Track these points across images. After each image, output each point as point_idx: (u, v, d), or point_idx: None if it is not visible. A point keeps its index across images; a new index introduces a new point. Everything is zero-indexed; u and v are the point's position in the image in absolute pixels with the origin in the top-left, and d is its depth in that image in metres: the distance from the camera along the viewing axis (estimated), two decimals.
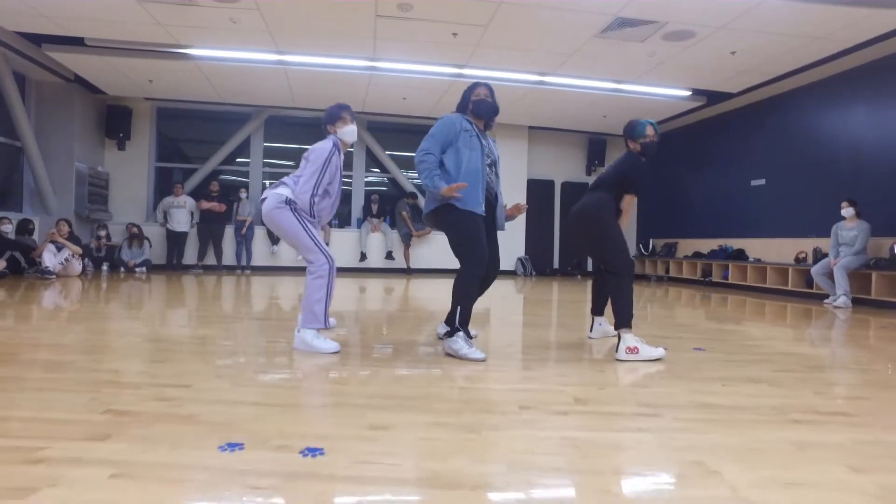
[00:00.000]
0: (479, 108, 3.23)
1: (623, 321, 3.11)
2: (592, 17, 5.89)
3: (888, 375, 2.82)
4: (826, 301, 6.66)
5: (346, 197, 11.25)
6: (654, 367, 2.88)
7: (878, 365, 3.08)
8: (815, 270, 6.80)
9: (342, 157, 3.29)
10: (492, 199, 3.30)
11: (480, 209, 3.09)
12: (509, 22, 6.05)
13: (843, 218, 6.63)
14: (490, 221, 3.30)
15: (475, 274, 3.06)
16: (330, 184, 3.20)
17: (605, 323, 3.74)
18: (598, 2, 5.52)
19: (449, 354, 2.98)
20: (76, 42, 7.00)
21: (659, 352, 3.04)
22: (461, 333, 2.99)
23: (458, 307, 3.01)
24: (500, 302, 6.11)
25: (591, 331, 3.77)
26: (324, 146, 3.15)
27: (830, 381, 2.67)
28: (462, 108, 3.29)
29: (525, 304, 6.09)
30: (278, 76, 8.16)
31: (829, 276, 6.63)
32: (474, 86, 3.30)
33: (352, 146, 3.42)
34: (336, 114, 3.25)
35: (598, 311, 3.72)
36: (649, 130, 3.34)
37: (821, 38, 6.19)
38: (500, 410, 2.07)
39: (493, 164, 3.31)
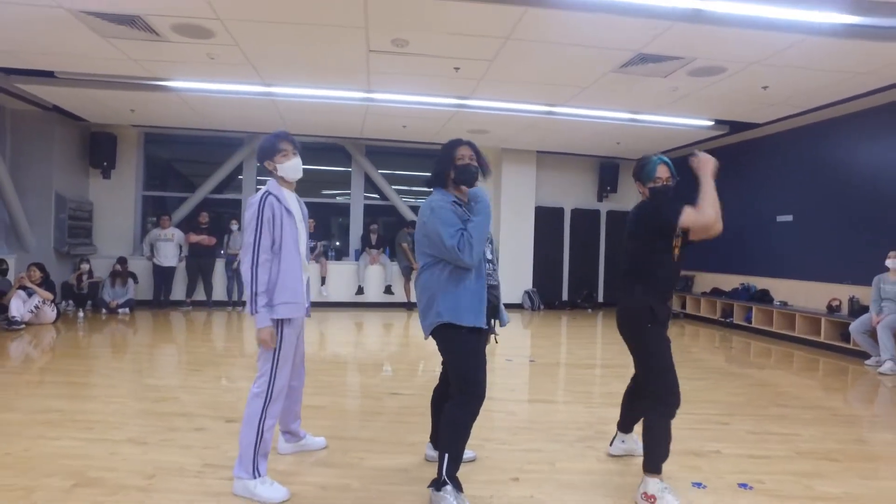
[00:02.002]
0: (462, 174, 2.61)
1: (650, 464, 2.54)
2: (611, 53, 5.29)
3: None
4: (867, 362, 6.02)
5: (343, 228, 10.73)
6: None
7: None
8: (854, 328, 6.16)
9: (287, 205, 2.65)
10: (493, 299, 2.64)
11: (482, 322, 2.51)
12: (517, 57, 5.46)
13: (887, 269, 6.00)
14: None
15: (475, 413, 2.50)
16: (277, 244, 2.60)
17: (631, 439, 3.13)
18: (619, 38, 4.91)
19: None
20: (46, 75, 6.46)
21: None
22: (449, 488, 2.41)
23: (447, 455, 2.43)
24: (502, 368, 5.52)
25: (611, 445, 3.18)
26: (251, 201, 2.63)
27: None
28: (442, 170, 2.64)
29: (531, 373, 5.48)
30: (267, 106, 7.61)
31: (871, 334, 6.00)
32: (455, 145, 2.66)
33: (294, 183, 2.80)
34: (271, 146, 2.67)
35: (624, 426, 3.12)
36: (661, 171, 2.69)
37: (865, 74, 5.56)
38: None
39: (490, 244, 2.68)
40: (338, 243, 10.32)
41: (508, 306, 10.52)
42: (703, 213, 2.52)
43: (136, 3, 4.42)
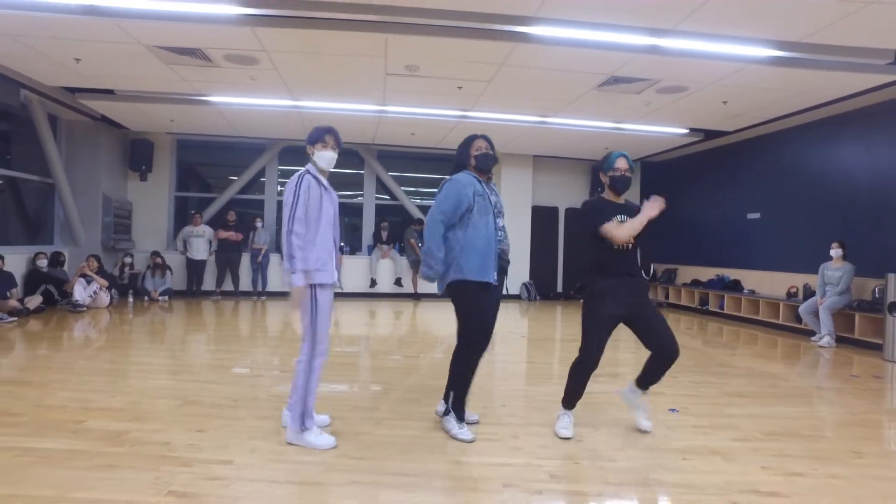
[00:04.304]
0: (483, 162, 3.19)
1: (563, 399, 3.28)
2: (589, 76, 6.30)
3: (832, 446, 3.19)
4: (812, 339, 7.00)
5: (351, 227, 11.73)
6: (629, 435, 3.27)
7: (830, 432, 3.45)
8: (802, 309, 7.14)
9: (326, 189, 3.03)
10: (504, 264, 3.21)
11: (493, 279, 3.07)
12: (511, 78, 6.46)
13: (831, 258, 6.96)
14: (498, 288, 3.18)
15: (475, 357, 3.11)
16: (314, 217, 2.94)
17: (636, 393, 3.40)
18: (594, 65, 5.91)
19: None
20: (106, 92, 7.51)
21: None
22: (452, 416, 3.14)
23: (452, 393, 3.10)
24: (503, 344, 6.51)
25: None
26: (291, 179, 3.00)
27: (781, 451, 3.05)
28: (461, 163, 3.24)
29: (529, 345, 6.47)
30: (292, 117, 8.63)
31: (816, 314, 6.96)
32: (472, 139, 3.23)
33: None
34: (317, 136, 3.06)
35: (639, 382, 3.39)
36: (620, 163, 3.12)
37: (802, 93, 6.56)
38: (486, 488, 2.49)
39: (502, 219, 3.22)
40: (342, 244, 11.29)
41: (507, 297, 11.64)
42: (618, 234, 3.04)
43: (199, 39, 5.45)
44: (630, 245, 3.14)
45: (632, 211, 3.20)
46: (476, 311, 3.09)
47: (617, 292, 3.11)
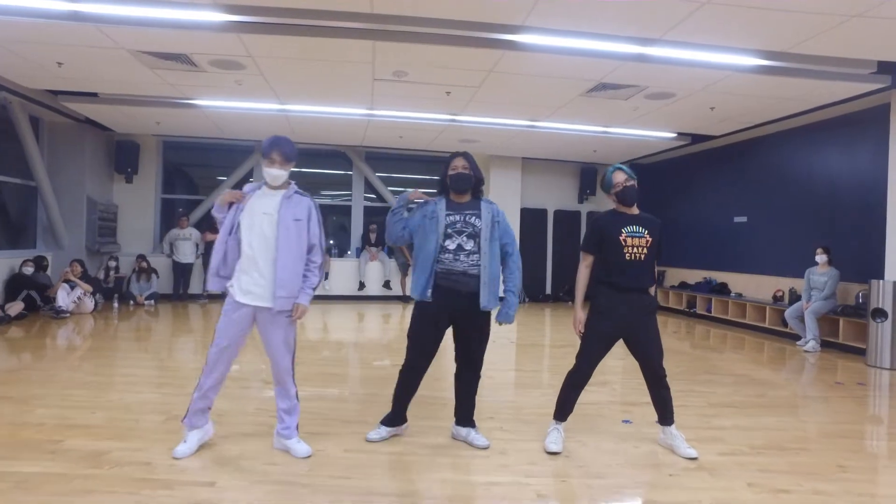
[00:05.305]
0: (455, 182, 3.14)
1: (555, 410, 3.31)
2: (577, 82, 6.29)
3: (817, 459, 3.21)
4: (798, 343, 7.06)
5: (337, 227, 11.67)
6: (617, 450, 3.27)
7: (815, 444, 3.48)
8: (788, 314, 7.20)
9: (252, 202, 2.94)
10: (465, 288, 3.08)
11: (426, 297, 3.09)
12: (499, 84, 6.44)
13: (817, 263, 7.02)
14: (465, 312, 3.13)
15: (409, 367, 3.23)
16: (231, 232, 2.97)
17: (670, 433, 3.31)
18: (582, 72, 5.91)
19: None
20: (90, 95, 7.39)
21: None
22: (386, 416, 3.33)
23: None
24: (492, 350, 6.49)
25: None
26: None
27: (767, 467, 3.06)
28: (441, 183, 3.23)
29: (518, 350, 6.49)
30: (279, 120, 8.55)
31: (802, 318, 7.03)
32: (451, 158, 3.17)
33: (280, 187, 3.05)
34: (266, 151, 2.92)
35: (660, 419, 3.36)
36: (617, 177, 3.13)
37: (786, 100, 6.61)
38: None
39: (474, 237, 3.09)
40: (331, 242, 11.24)
41: None
42: (578, 276, 3.28)
43: (185, 45, 5.37)
44: (641, 257, 3.12)
45: (644, 221, 3.18)
46: (411, 323, 3.23)
47: (619, 310, 3.15)
